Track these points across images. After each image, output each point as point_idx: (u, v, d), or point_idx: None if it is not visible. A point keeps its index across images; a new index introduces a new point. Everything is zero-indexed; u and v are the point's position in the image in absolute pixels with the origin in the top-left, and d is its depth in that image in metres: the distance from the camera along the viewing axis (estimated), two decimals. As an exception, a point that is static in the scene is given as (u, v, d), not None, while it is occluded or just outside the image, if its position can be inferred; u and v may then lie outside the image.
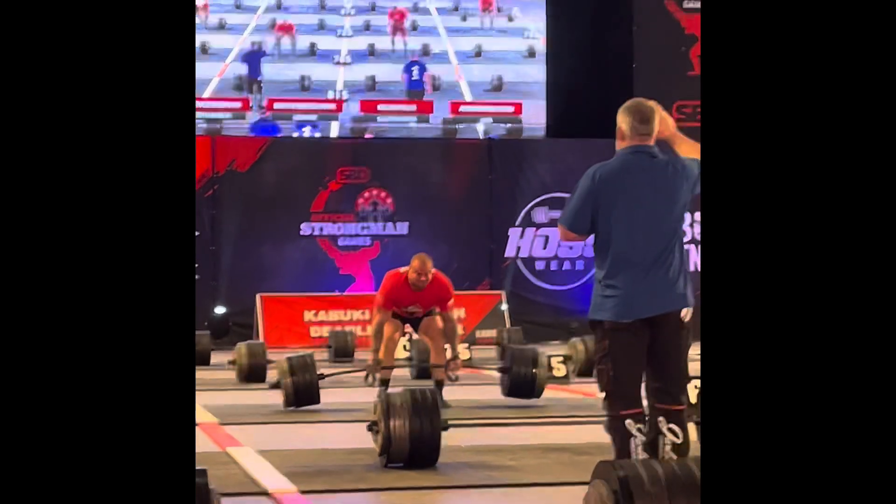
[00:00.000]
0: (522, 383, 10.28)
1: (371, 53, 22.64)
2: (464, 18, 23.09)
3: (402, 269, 9.99)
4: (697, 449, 6.97)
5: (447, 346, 9.96)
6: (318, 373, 10.04)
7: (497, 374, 10.74)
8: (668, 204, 5.29)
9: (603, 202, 5.27)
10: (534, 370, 10.30)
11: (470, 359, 14.84)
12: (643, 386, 5.29)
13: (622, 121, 5.39)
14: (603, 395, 5.30)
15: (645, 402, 5.31)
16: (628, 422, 5.05)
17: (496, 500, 6.04)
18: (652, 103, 5.43)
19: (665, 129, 5.44)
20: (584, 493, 4.12)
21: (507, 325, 18.67)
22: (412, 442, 6.75)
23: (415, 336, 11.71)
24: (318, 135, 22.09)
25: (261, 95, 22.06)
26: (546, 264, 21.05)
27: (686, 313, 5.21)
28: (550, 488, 6.29)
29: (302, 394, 9.89)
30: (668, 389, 5.22)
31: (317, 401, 9.91)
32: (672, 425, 4.90)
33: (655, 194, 5.29)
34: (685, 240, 5.48)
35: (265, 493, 6.12)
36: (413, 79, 22.60)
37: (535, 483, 6.42)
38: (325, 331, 18.65)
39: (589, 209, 5.30)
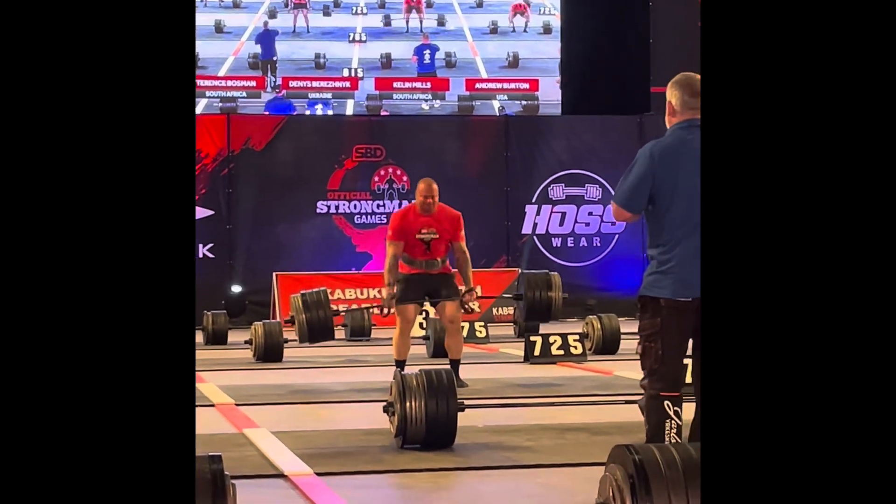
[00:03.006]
0: (538, 307, 10.27)
1: (386, 31, 22.57)
2: (480, 3, 22.99)
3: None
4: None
5: (460, 281, 9.86)
6: (333, 309, 10.09)
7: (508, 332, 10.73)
8: None
9: (661, 181, 5.18)
10: (549, 293, 10.29)
11: (486, 336, 14.87)
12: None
13: (671, 95, 5.26)
14: (644, 372, 5.23)
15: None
16: (667, 403, 5.05)
17: (513, 482, 6.02)
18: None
19: None
20: (601, 472, 4.08)
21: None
22: (428, 423, 6.74)
23: (432, 314, 11.70)
24: (330, 112, 22.06)
25: (275, 76, 22.02)
26: (563, 241, 21.03)
27: None
28: (568, 469, 6.27)
29: (316, 330, 9.92)
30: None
31: (331, 337, 9.97)
32: (677, 408, 5.04)
33: None
34: None
35: (281, 475, 6.11)
36: (425, 62, 22.53)
37: (553, 464, 6.40)
38: (341, 309, 18.66)
39: (647, 189, 5.21)
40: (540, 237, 20.89)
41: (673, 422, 5.06)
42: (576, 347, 12.01)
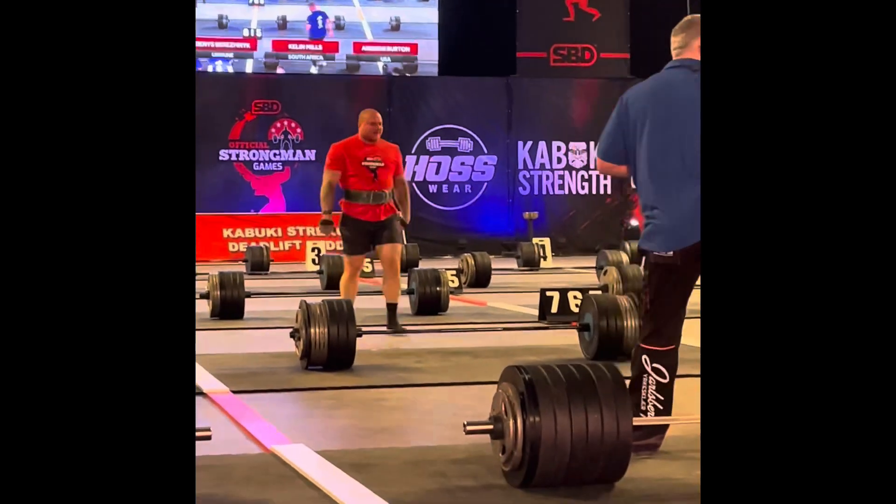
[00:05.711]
0: (429, 301, 10.33)
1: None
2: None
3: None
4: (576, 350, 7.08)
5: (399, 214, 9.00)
6: (246, 291, 9.97)
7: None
8: None
9: (633, 124, 4.38)
10: (437, 288, 10.35)
11: (372, 272, 14.90)
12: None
13: None
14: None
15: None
16: (644, 357, 4.36)
17: (408, 398, 6.09)
18: (695, 18, 4.42)
19: None
20: (484, 390, 4.10)
21: (404, 241, 18.71)
22: (330, 347, 6.78)
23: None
24: (230, 69, 21.81)
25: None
26: (438, 188, 21.16)
27: None
28: (454, 387, 6.35)
29: (228, 307, 9.83)
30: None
31: (240, 316, 9.86)
32: (657, 364, 4.36)
33: (695, 110, 4.14)
34: None
35: (201, 393, 6.11)
36: (318, 27, 22.35)
37: (442, 383, 6.48)
38: (242, 246, 18.60)
39: (620, 135, 4.42)
40: (418, 184, 20.99)
41: (650, 378, 4.33)
42: (453, 281, 12.12)
